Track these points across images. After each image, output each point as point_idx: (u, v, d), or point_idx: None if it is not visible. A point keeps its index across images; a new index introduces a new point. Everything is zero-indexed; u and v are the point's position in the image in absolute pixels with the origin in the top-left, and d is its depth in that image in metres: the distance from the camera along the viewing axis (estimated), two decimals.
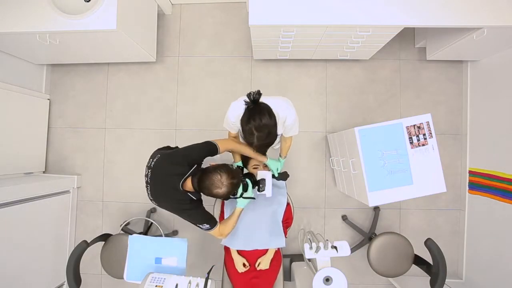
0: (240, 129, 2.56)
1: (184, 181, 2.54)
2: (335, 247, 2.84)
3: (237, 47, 4.65)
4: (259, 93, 2.40)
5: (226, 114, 2.70)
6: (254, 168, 3.19)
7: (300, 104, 4.56)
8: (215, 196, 2.49)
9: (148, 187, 2.67)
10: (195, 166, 2.62)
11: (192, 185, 2.56)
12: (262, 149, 2.95)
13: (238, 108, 2.54)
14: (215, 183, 2.43)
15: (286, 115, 2.61)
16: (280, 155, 3.23)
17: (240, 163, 3.18)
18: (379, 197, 3.09)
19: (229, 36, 4.66)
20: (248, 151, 2.99)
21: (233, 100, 2.55)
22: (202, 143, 2.80)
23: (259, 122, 2.32)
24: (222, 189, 2.44)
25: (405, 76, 4.54)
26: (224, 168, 2.50)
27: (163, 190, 2.61)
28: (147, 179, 2.65)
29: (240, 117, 2.50)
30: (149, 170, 2.63)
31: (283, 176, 3.22)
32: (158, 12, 4.48)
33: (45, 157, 4.62)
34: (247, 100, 2.40)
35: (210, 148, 2.76)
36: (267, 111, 2.37)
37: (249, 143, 2.50)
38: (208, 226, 2.78)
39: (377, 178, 3.08)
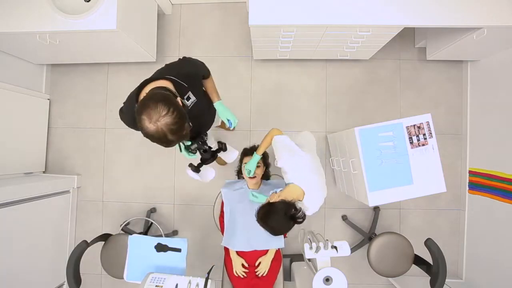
0: None
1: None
2: (335, 247, 2.84)
3: (237, 47, 4.65)
4: (303, 220, 2.41)
5: (283, 151, 2.64)
6: (257, 167, 3.16)
7: (300, 104, 4.57)
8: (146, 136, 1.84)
9: None
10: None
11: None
12: None
13: (292, 167, 2.58)
14: (145, 129, 1.79)
15: (309, 207, 2.64)
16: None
17: None
18: (379, 197, 3.09)
19: (229, 36, 4.67)
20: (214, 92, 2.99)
21: (231, 99, 2.51)
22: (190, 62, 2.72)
23: (277, 229, 2.43)
24: (151, 129, 1.77)
25: (405, 76, 4.54)
26: (157, 99, 1.81)
27: None
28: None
29: None
30: None
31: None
32: (158, 12, 4.48)
33: (45, 157, 4.62)
34: (293, 207, 2.40)
35: (200, 63, 2.77)
36: (290, 227, 2.44)
37: (260, 218, 2.50)
38: None
39: (377, 178, 3.07)
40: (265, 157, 3.28)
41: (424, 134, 3.09)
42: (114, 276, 3.33)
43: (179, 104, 1.86)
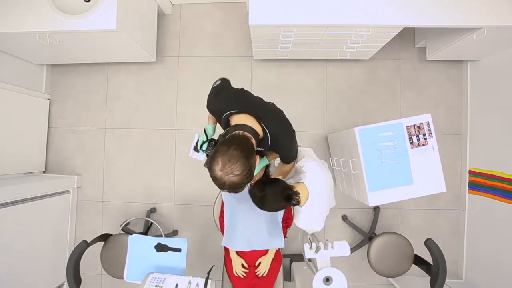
0: None
1: None
2: (335, 247, 2.84)
3: (237, 47, 4.65)
4: (298, 203, 2.34)
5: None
6: None
7: (300, 104, 4.57)
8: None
9: None
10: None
11: None
12: None
13: (313, 175, 2.52)
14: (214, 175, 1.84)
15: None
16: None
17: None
18: (379, 197, 3.09)
19: (229, 36, 4.67)
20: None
21: None
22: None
23: (268, 201, 2.32)
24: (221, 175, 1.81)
25: (405, 76, 4.54)
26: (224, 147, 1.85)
27: None
28: None
29: None
30: None
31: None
32: (158, 12, 4.48)
33: (45, 157, 4.62)
34: (292, 191, 2.34)
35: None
36: (278, 207, 2.39)
37: (256, 189, 2.36)
38: None
39: (377, 178, 3.07)
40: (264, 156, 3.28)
41: (424, 134, 3.09)
42: (114, 276, 3.33)
43: (254, 166, 1.90)
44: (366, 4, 3.14)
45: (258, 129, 2.13)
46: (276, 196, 2.27)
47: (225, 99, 2.34)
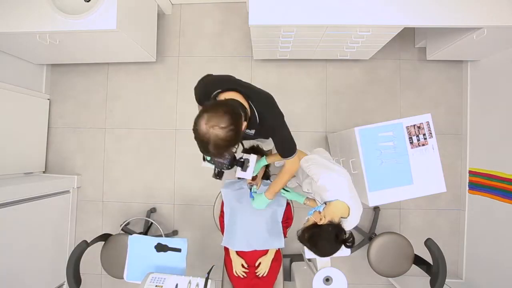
0: None
1: None
2: None
3: (237, 47, 4.66)
4: (352, 245, 2.38)
5: (321, 171, 2.58)
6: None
7: (300, 104, 4.58)
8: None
9: None
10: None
11: None
12: None
13: (335, 187, 2.52)
14: (198, 133, 1.82)
15: (350, 221, 2.66)
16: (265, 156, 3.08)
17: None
18: (379, 197, 3.10)
19: (229, 36, 4.67)
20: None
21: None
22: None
23: (324, 252, 2.34)
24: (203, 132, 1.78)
25: (405, 76, 4.54)
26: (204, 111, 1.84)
27: None
28: None
29: None
30: None
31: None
32: (158, 12, 4.48)
33: (45, 157, 4.62)
34: (343, 232, 2.40)
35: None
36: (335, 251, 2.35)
37: (303, 239, 2.37)
38: None
39: (377, 178, 3.08)
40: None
41: (424, 134, 3.10)
42: (114, 276, 3.33)
43: (240, 128, 1.86)
44: (366, 4, 3.14)
45: (246, 106, 2.17)
46: (332, 248, 2.31)
47: (211, 81, 2.36)
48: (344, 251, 2.83)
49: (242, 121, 1.89)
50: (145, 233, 4.32)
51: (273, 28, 3.30)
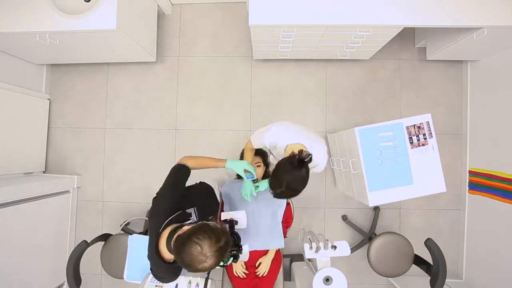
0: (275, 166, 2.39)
1: (158, 241, 2.13)
2: (335, 247, 2.84)
3: (237, 47, 4.67)
4: (310, 159, 2.33)
5: (262, 134, 2.60)
6: (257, 166, 3.16)
7: (300, 104, 4.59)
8: (202, 271, 1.86)
9: None
10: (174, 216, 2.33)
11: (169, 251, 2.05)
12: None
13: (277, 136, 2.53)
14: (197, 258, 1.78)
15: (319, 162, 2.60)
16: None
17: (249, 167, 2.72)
18: (379, 197, 3.10)
19: (229, 36, 4.68)
20: (213, 163, 2.75)
21: (231, 99, 2.49)
22: (173, 172, 2.67)
23: (294, 183, 2.27)
24: (208, 262, 1.79)
25: (405, 76, 4.55)
26: (201, 232, 1.85)
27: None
28: None
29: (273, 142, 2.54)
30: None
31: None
32: (158, 12, 4.49)
33: (45, 157, 4.62)
34: (296, 154, 2.33)
35: (182, 174, 2.62)
36: (306, 176, 2.32)
37: (274, 185, 2.36)
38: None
39: (377, 178, 3.08)
40: (264, 157, 3.27)
41: (424, 134, 3.10)
42: (114, 276, 3.33)
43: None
44: (366, 4, 3.14)
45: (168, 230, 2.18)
46: (295, 174, 2.29)
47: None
48: (344, 251, 2.83)
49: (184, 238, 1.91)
50: (145, 233, 4.31)
51: (273, 28, 3.30)
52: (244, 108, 4.60)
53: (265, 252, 3.19)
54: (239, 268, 3.15)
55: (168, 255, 2.10)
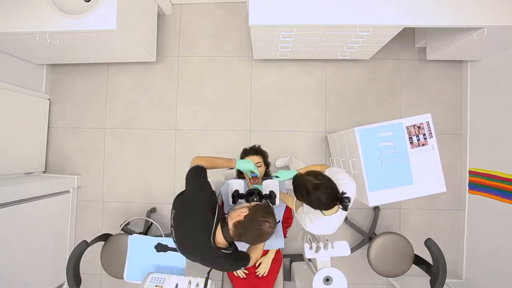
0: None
1: (214, 237, 2.18)
2: (335, 247, 2.84)
3: (237, 47, 4.67)
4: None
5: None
6: (258, 166, 3.15)
7: (300, 104, 4.59)
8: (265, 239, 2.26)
9: (177, 242, 2.33)
10: (217, 210, 2.30)
11: (226, 239, 2.20)
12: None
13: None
14: (266, 232, 2.14)
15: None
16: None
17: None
18: (379, 197, 3.10)
19: (229, 36, 4.68)
20: (223, 163, 2.75)
21: (231, 99, 2.47)
22: (193, 174, 2.60)
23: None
24: (271, 230, 2.17)
25: (405, 76, 4.55)
26: (262, 212, 2.19)
27: (194, 249, 2.27)
28: (173, 230, 2.35)
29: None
30: (173, 223, 2.36)
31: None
32: (158, 12, 4.49)
33: (45, 157, 4.62)
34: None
35: (203, 174, 2.54)
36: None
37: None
38: (243, 265, 2.46)
39: (377, 178, 3.08)
40: (265, 157, 3.26)
41: (424, 134, 3.10)
42: (114, 276, 3.33)
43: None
44: (366, 4, 3.15)
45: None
46: (331, 190, 2.29)
47: None
48: (344, 251, 2.83)
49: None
50: (145, 233, 4.32)
51: (273, 28, 3.30)
52: (244, 108, 4.60)
53: (265, 252, 3.19)
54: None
55: (223, 243, 2.22)
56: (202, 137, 4.60)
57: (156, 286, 2.64)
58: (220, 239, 2.19)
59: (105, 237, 3.47)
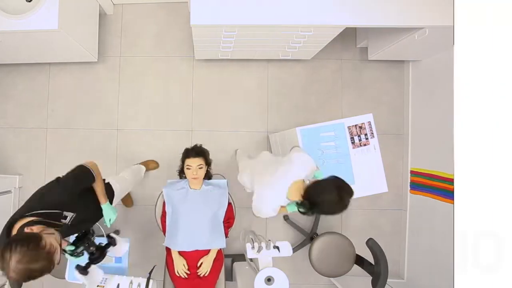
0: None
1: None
2: (277, 247, 2.85)
3: (179, 47, 4.67)
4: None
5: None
6: (200, 168, 3.13)
7: (242, 104, 4.64)
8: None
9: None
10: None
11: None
12: None
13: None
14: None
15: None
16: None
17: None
18: None
19: (171, 36, 4.68)
20: (99, 190, 2.75)
21: (173, 99, 2.46)
22: (79, 171, 2.63)
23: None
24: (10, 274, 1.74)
25: (346, 76, 4.62)
26: (21, 243, 1.80)
27: None
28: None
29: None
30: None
31: None
32: (100, 12, 4.45)
33: None
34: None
35: (86, 179, 2.57)
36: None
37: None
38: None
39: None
40: (206, 158, 3.26)
41: (365, 134, 3.15)
42: (56, 276, 3.28)
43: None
44: (308, 4, 3.17)
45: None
46: (337, 188, 2.20)
47: None
48: (286, 251, 2.85)
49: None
50: (85, 234, 4.26)
51: (215, 28, 3.31)
52: (186, 108, 4.61)
53: (207, 252, 3.20)
54: (180, 268, 3.14)
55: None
56: (144, 137, 4.60)
57: (97, 286, 2.62)
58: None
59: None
